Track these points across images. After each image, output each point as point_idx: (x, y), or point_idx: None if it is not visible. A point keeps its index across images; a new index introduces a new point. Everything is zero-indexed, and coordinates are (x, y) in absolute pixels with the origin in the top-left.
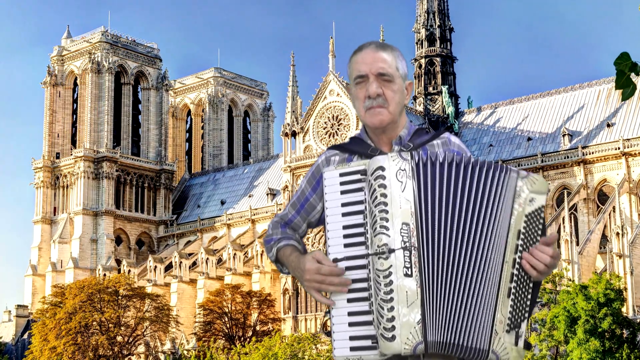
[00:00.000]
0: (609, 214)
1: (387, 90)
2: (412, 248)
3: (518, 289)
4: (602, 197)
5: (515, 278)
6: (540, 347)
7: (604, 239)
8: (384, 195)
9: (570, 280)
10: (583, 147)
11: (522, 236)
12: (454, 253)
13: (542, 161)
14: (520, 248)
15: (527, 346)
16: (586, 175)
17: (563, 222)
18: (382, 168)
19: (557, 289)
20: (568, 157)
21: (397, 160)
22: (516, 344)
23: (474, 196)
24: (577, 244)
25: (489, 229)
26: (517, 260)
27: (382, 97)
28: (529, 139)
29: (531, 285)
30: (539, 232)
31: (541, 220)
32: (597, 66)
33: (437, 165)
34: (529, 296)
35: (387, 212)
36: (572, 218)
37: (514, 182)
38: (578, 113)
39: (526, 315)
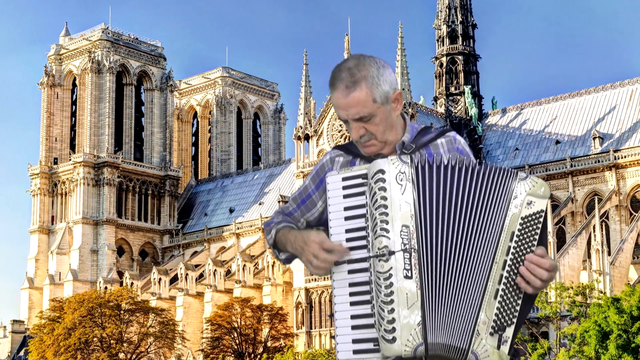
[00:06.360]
0: None
1: (369, 126)
2: (412, 250)
3: (507, 291)
4: (636, 204)
5: (504, 280)
6: None
7: (637, 248)
8: (384, 198)
9: (601, 292)
10: (615, 151)
11: (515, 238)
12: (451, 255)
13: (571, 166)
14: (512, 250)
15: (514, 354)
16: (618, 180)
17: (594, 231)
18: (382, 171)
19: (588, 301)
20: (599, 161)
21: (397, 163)
22: (498, 347)
23: (469, 198)
24: (609, 254)
25: (480, 230)
26: (508, 262)
27: (367, 134)
28: (558, 142)
29: (521, 289)
30: (535, 237)
31: (539, 226)
32: (629, 65)
33: (435, 168)
34: (519, 301)
35: (387, 214)
36: (604, 226)
37: (509, 183)
38: (609, 114)
39: (513, 320)
